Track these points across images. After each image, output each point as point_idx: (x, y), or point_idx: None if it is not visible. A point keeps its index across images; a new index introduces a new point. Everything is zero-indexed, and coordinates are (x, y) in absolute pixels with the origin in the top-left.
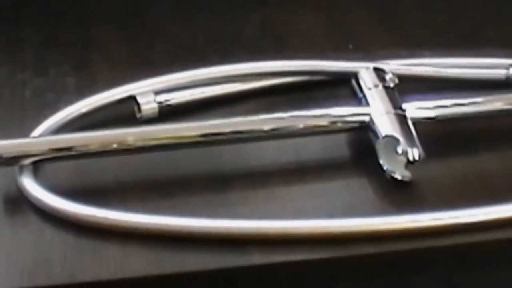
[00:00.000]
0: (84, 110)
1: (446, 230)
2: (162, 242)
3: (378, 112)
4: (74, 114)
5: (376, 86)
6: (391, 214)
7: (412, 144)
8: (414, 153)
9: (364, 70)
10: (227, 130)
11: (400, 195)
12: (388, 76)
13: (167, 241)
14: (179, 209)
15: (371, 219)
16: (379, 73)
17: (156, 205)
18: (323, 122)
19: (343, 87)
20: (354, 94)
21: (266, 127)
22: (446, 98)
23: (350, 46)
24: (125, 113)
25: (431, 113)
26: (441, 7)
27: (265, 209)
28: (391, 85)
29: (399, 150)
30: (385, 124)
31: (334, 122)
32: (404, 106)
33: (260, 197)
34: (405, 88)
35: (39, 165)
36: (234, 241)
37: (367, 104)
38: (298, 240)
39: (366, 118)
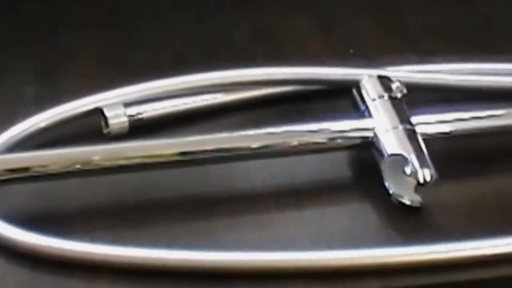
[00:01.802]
0: (43, 124)
1: (463, 263)
2: (134, 278)
3: (383, 127)
4: (32, 129)
5: (380, 96)
6: (399, 245)
7: (422, 163)
8: (425, 174)
9: (367, 78)
10: (210, 147)
11: (409, 222)
12: (394, 85)
13: (141, 276)
14: (155, 239)
15: (376, 251)
16: (384, 81)
17: (127, 234)
18: (320, 138)
19: (343, 98)
20: (356, 106)
21: (255, 144)
22: (462, 110)
23: (351, 50)
24: (90, 128)
25: (444, 128)
26: (455, 5)
27: (255, 238)
28: (398, 95)
29: (408, 170)
30: (392, 141)
31: (332, 139)
32: (413, 119)
33: (249, 225)
34: (414, 99)
35: None
36: (219, 275)
37: (371, 117)
38: (292, 274)
39: (370, 134)
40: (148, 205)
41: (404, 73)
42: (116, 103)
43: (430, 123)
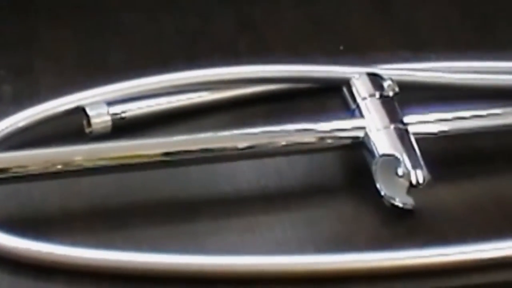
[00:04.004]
0: (22, 123)
1: (459, 267)
2: (116, 282)
3: (375, 127)
4: (11, 129)
5: (371, 95)
6: (391, 249)
7: (415, 164)
8: (418, 175)
9: (358, 76)
10: (195, 147)
11: (401, 225)
12: (386, 84)
13: (123, 280)
14: (137, 242)
15: (366, 255)
16: (376, 79)
17: (109, 237)
18: (309, 138)
19: (333, 97)
20: (346, 105)
21: (242, 145)
22: (456, 109)
23: (341, 47)
24: (72, 127)
25: (438, 128)
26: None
27: (240, 242)
28: (390, 94)
29: (400, 171)
30: (383, 141)
31: (322, 139)
32: (405, 119)
33: (234, 228)
34: (406, 97)
35: None
36: (203, 280)
37: (362, 117)
38: (278, 279)
39: (360, 134)
40: (130, 207)
41: (396, 71)
42: (99, 101)
43: (423, 122)
